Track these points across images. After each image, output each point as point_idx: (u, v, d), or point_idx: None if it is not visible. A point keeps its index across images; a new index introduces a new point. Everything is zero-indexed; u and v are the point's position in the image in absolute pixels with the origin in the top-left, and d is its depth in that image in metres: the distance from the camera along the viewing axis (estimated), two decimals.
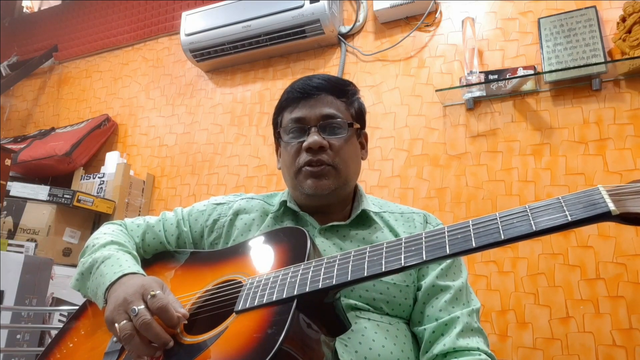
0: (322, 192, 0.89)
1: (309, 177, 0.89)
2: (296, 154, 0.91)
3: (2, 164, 1.77)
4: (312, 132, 0.90)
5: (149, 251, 1.01)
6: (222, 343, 0.66)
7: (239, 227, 0.97)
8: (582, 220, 0.52)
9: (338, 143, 0.91)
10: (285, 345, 0.59)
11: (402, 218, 0.97)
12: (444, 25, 1.99)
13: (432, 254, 0.59)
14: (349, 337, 0.77)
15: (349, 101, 0.96)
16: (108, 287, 0.80)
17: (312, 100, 0.92)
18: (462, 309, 0.84)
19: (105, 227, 1.02)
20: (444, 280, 0.87)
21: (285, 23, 2.12)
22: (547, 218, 0.54)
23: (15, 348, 1.70)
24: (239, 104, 2.36)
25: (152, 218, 1.04)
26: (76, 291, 0.94)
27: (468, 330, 0.82)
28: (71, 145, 2.42)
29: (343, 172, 0.91)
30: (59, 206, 2.14)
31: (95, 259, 0.88)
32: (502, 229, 0.56)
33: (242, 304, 0.70)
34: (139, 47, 2.80)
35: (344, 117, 0.93)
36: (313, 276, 0.66)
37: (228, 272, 0.81)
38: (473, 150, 1.79)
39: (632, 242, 1.48)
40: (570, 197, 0.55)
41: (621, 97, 1.62)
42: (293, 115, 0.93)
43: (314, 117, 0.91)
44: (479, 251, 0.57)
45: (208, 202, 1.05)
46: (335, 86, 0.94)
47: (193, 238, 1.01)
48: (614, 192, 0.53)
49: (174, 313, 0.71)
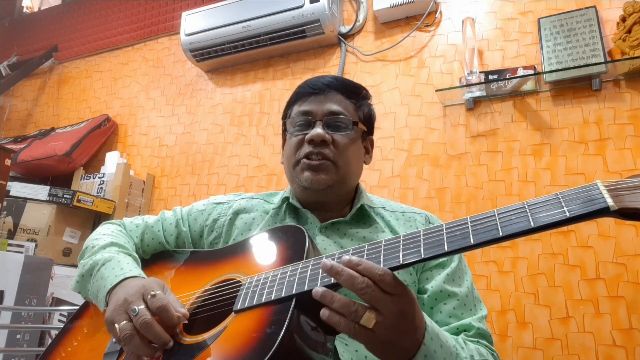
0: (318, 187, 0.89)
1: (307, 170, 0.89)
2: (298, 146, 0.92)
3: (2, 164, 1.77)
4: (317, 126, 0.90)
5: (148, 251, 1.01)
6: (221, 342, 0.66)
7: (239, 226, 0.97)
8: (580, 216, 0.52)
9: (341, 140, 0.91)
10: (284, 344, 0.59)
11: (403, 217, 0.96)
12: (444, 25, 1.99)
13: (430, 252, 0.58)
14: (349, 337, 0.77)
15: (358, 103, 0.96)
16: (109, 290, 0.80)
17: (321, 96, 0.93)
18: (472, 315, 0.85)
19: (104, 227, 1.01)
20: (452, 286, 0.87)
21: (285, 23, 2.12)
22: (545, 214, 0.54)
23: (15, 348, 1.71)
24: (239, 104, 2.36)
25: (150, 218, 1.04)
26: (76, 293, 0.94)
27: (477, 334, 0.83)
28: (71, 145, 2.42)
29: (342, 170, 0.91)
30: (59, 206, 2.15)
31: (96, 261, 0.88)
32: (500, 225, 0.56)
33: (240, 303, 0.70)
34: (139, 47, 2.80)
35: (351, 116, 0.93)
36: (312, 274, 0.66)
37: (227, 271, 0.81)
38: (473, 150, 1.79)
39: (632, 242, 1.48)
40: (568, 193, 0.55)
41: (621, 97, 1.62)
42: (301, 109, 0.94)
43: (320, 112, 0.92)
44: (478, 248, 0.57)
45: (208, 202, 1.05)
46: (346, 86, 0.95)
47: (192, 238, 1.00)
48: (613, 188, 0.52)
49: (174, 313, 0.71)
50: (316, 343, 0.66)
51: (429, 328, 0.64)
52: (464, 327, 0.83)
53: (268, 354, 0.57)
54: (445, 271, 0.88)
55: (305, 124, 0.93)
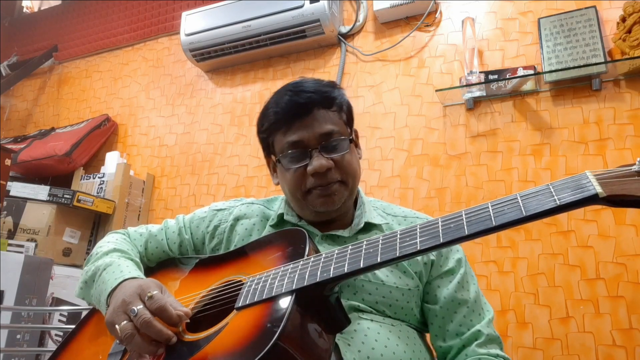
0: (334, 207, 0.89)
1: (320, 197, 0.88)
2: (301, 178, 0.88)
3: (2, 164, 1.77)
4: (315, 156, 0.86)
5: (152, 259, 1.02)
6: (222, 339, 0.67)
7: (239, 232, 0.98)
8: (570, 204, 0.54)
9: (342, 159, 0.88)
10: (283, 338, 0.59)
11: (405, 222, 0.97)
12: (444, 25, 1.99)
13: (426, 243, 0.60)
14: (352, 337, 0.78)
15: (338, 108, 0.92)
16: (110, 293, 0.81)
17: (306, 119, 0.87)
18: (481, 321, 0.86)
19: (109, 236, 1.03)
20: (462, 293, 0.88)
21: (285, 23, 2.12)
22: (536, 203, 0.56)
23: (15, 348, 1.71)
24: (239, 104, 2.36)
25: (154, 227, 1.05)
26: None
27: (487, 340, 0.84)
28: (71, 145, 2.42)
29: (351, 184, 0.90)
30: (59, 206, 2.14)
31: (98, 266, 0.89)
32: (493, 215, 0.58)
33: (242, 301, 0.71)
34: (139, 47, 2.80)
35: (341, 129, 0.90)
36: (311, 270, 0.67)
37: (230, 274, 0.82)
38: (473, 150, 1.79)
39: (632, 242, 1.48)
40: (558, 183, 0.57)
41: (621, 97, 1.62)
42: (289, 139, 0.87)
43: (313, 138, 0.86)
44: (472, 239, 0.59)
45: (209, 209, 1.05)
46: (325, 96, 0.89)
47: (195, 245, 1.01)
48: (602, 177, 0.54)
49: (173, 312, 0.72)
50: (317, 339, 0.66)
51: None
52: (475, 335, 0.84)
53: (266, 347, 0.58)
54: (456, 279, 0.89)
55: (300, 155, 0.87)
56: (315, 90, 0.89)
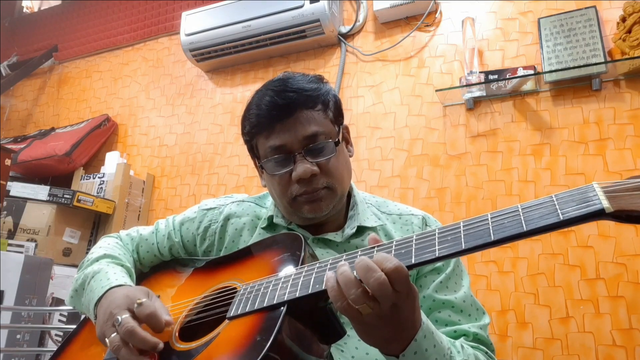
0: (322, 214, 0.85)
1: (306, 204, 0.84)
2: (286, 185, 0.84)
3: (2, 164, 1.77)
4: (299, 161, 0.81)
5: (145, 264, 1.00)
6: (212, 350, 0.66)
7: (230, 232, 0.96)
8: (574, 219, 0.50)
9: (328, 163, 0.83)
10: (273, 351, 0.58)
11: (400, 221, 0.93)
12: (444, 25, 1.99)
13: (421, 257, 0.58)
14: (345, 343, 0.77)
15: (324, 106, 0.85)
16: (96, 302, 0.79)
17: (288, 121, 0.81)
18: (471, 322, 0.82)
19: (102, 240, 1.01)
20: (445, 294, 0.83)
21: (285, 23, 2.12)
22: (538, 218, 0.52)
23: (15, 348, 1.71)
24: (239, 104, 2.36)
25: (145, 229, 1.03)
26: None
27: (475, 340, 0.80)
28: (71, 145, 2.42)
29: (339, 189, 0.86)
30: (59, 206, 2.14)
31: (87, 274, 0.87)
32: (492, 230, 0.55)
33: (234, 310, 0.69)
34: (139, 47, 2.80)
35: (326, 129, 0.84)
36: (304, 281, 0.65)
37: (225, 279, 0.81)
38: (473, 150, 1.79)
39: (632, 242, 1.48)
40: (563, 195, 0.53)
41: (621, 97, 1.62)
42: (271, 143, 0.83)
43: (296, 142, 0.81)
44: (470, 253, 0.56)
45: (198, 208, 1.02)
46: (307, 97, 0.83)
47: (186, 247, 0.99)
48: (610, 189, 0.50)
49: (162, 319, 0.71)
50: (309, 351, 0.65)
51: (424, 326, 0.63)
52: (463, 332, 0.80)
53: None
54: (439, 278, 0.84)
55: (283, 160, 0.83)
56: (297, 89, 0.83)
